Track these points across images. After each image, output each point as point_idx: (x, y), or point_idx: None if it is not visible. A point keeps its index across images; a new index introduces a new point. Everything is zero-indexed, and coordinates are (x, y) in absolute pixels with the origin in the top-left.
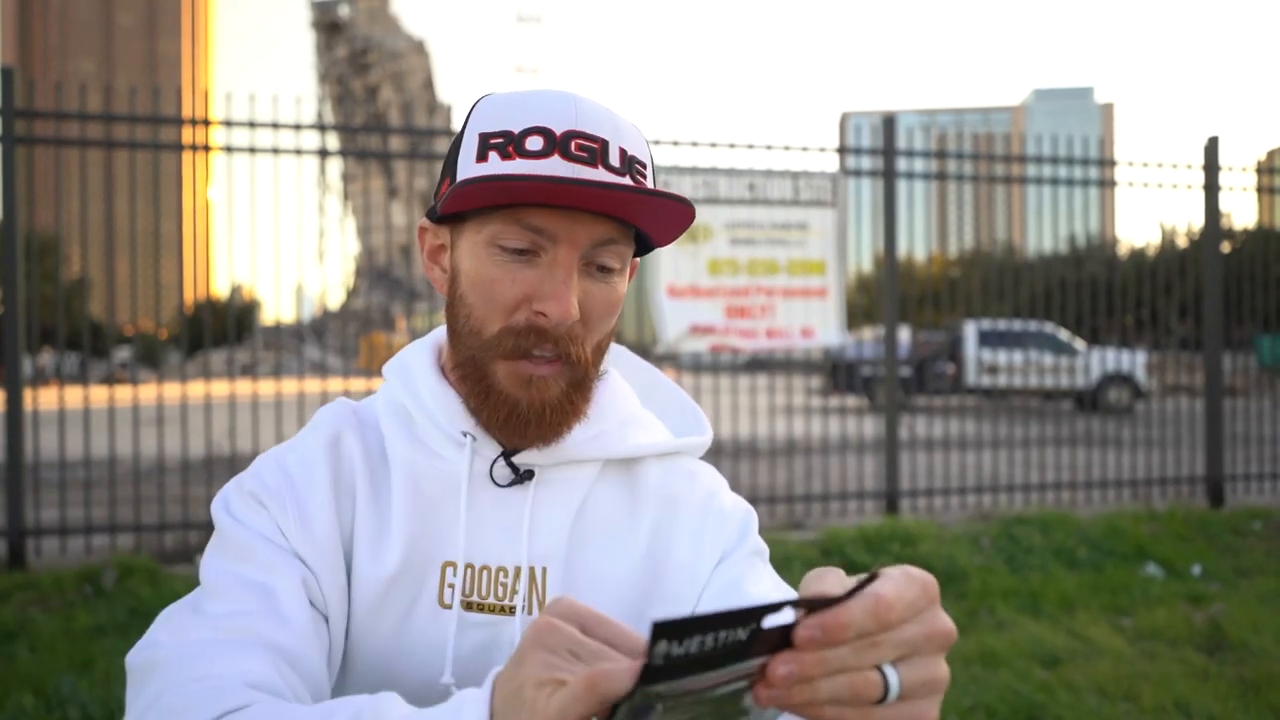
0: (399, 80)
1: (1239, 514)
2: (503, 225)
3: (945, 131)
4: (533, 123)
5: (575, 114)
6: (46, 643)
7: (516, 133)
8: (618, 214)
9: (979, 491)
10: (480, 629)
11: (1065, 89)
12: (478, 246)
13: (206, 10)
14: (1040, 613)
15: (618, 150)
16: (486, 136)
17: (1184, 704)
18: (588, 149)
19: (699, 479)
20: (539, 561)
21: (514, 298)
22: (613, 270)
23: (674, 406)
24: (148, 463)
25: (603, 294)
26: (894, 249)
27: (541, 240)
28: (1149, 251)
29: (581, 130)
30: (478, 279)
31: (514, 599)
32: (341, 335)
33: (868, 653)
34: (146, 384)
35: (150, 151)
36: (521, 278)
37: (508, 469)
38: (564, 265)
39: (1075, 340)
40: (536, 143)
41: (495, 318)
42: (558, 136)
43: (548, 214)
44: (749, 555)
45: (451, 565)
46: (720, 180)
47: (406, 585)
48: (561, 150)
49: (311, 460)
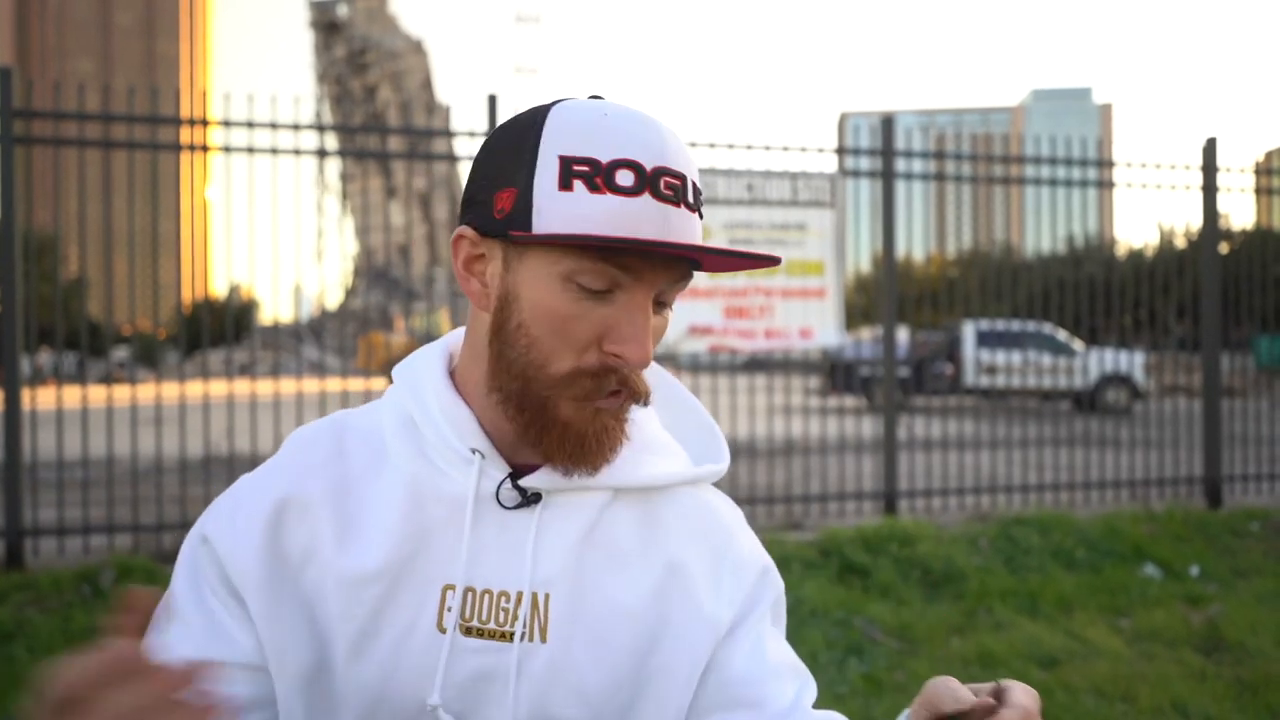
0: (397, 80)
1: (1237, 515)
2: (586, 265)
3: (944, 132)
4: (621, 154)
5: (662, 146)
6: (45, 643)
7: (604, 164)
8: (700, 264)
9: (977, 492)
10: (478, 654)
11: (1064, 89)
12: (551, 279)
13: (205, 10)
14: (1038, 613)
15: (693, 185)
16: (569, 161)
17: (1181, 705)
18: (674, 187)
19: (717, 515)
20: (542, 587)
21: (589, 337)
22: (669, 304)
23: (695, 429)
24: (146, 463)
25: (659, 326)
26: (892, 249)
27: (623, 279)
28: (1147, 252)
29: (668, 166)
30: (551, 313)
31: (514, 625)
32: (340, 335)
33: None
34: (144, 384)
35: (148, 151)
36: (597, 317)
37: (514, 491)
38: (642, 308)
39: (1074, 341)
40: (628, 178)
41: (566, 356)
42: (649, 173)
43: (642, 259)
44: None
45: (451, 588)
46: (719, 181)
47: (405, 607)
48: (652, 189)
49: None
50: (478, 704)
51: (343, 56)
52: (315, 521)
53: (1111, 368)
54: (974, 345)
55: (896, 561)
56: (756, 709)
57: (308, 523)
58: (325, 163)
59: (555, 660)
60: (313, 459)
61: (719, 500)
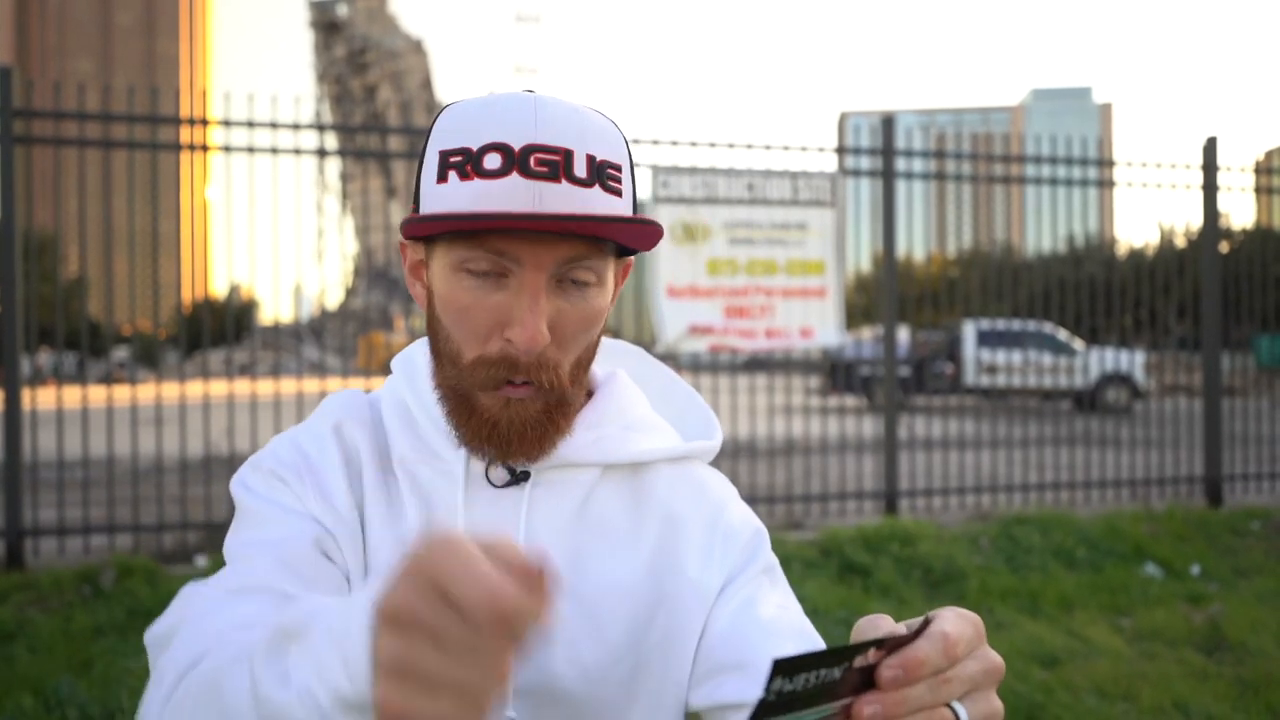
0: (397, 80)
1: (1237, 514)
2: (468, 250)
3: (944, 131)
4: (491, 138)
5: (534, 123)
6: (45, 643)
7: (475, 150)
8: (584, 233)
9: (978, 491)
10: None
11: (1064, 89)
12: (447, 271)
13: (205, 10)
14: (1039, 613)
15: (584, 158)
16: (446, 155)
17: (1182, 704)
18: (548, 162)
19: (708, 488)
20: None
21: (486, 324)
22: (588, 284)
23: (688, 410)
24: (146, 463)
25: (578, 310)
26: (893, 249)
27: (507, 264)
28: (1148, 251)
29: (541, 143)
30: (450, 303)
31: None
32: (340, 335)
33: (940, 690)
34: (145, 384)
35: (148, 151)
36: (491, 303)
37: (504, 470)
38: (530, 289)
39: (1074, 340)
40: (495, 160)
41: (470, 345)
42: (516, 152)
43: (510, 239)
44: (758, 575)
45: None
46: (719, 180)
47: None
48: (520, 167)
49: (322, 441)
50: None
51: (343, 56)
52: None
53: (1112, 367)
54: (974, 345)
55: (897, 561)
56: (741, 671)
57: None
58: (325, 162)
59: (549, 635)
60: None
61: (710, 475)
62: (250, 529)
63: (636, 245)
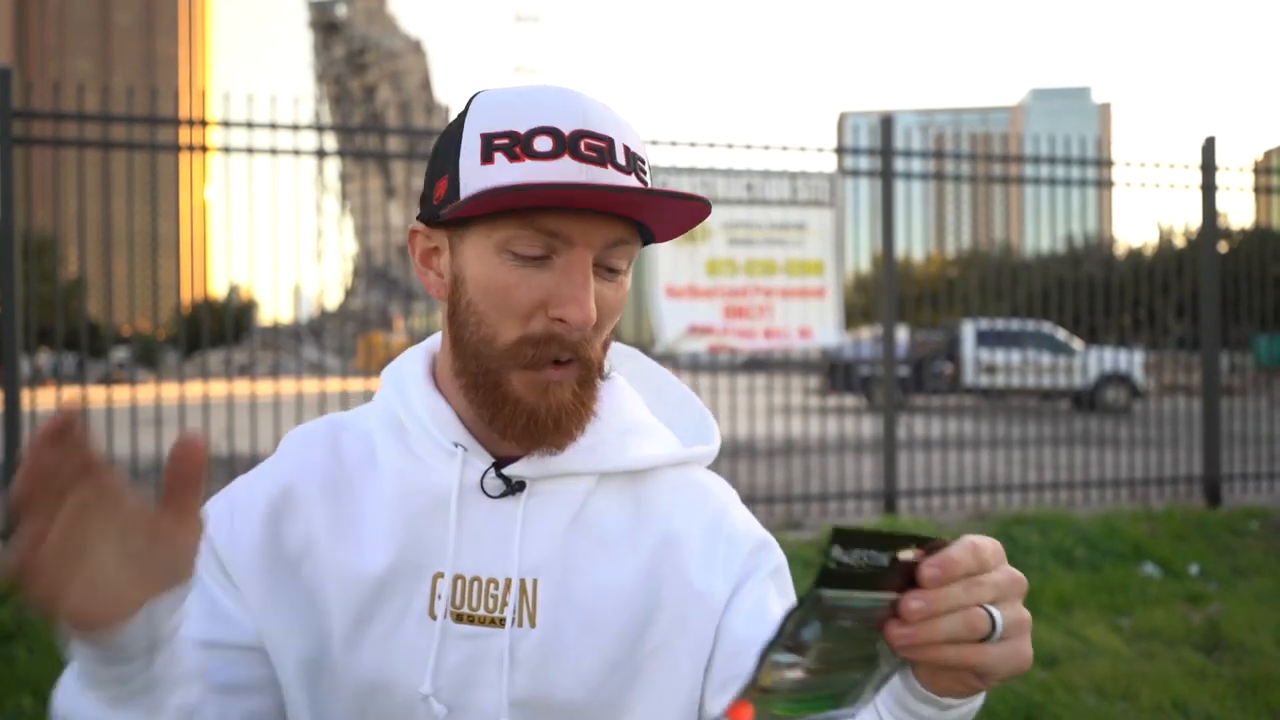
0: (396, 80)
1: (1236, 513)
2: (517, 230)
3: (943, 131)
4: (539, 122)
5: (582, 112)
6: (45, 644)
7: (523, 133)
8: (632, 215)
9: (977, 491)
10: (468, 641)
11: (1063, 89)
12: (487, 252)
13: (204, 10)
14: (1038, 612)
15: (622, 148)
16: (490, 137)
17: (1182, 703)
18: (596, 149)
19: (710, 493)
20: (530, 573)
21: (530, 304)
22: (620, 271)
23: (685, 413)
24: (145, 463)
25: (612, 294)
26: (892, 249)
27: (556, 244)
28: (1146, 251)
29: (589, 129)
30: (490, 286)
31: (504, 611)
32: (339, 335)
33: (974, 591)
34: (144, 384)
35: (148, 152)
36: (537, 283)
37: (499, 480)
38: (580, 269)
39: (1073, 340)
40: (545, 144)
41: (511, 326)
42: (566, 137)
43: (563, 218)
44: (765, 579)
45: (441, 576)
46: (718, 180)
47: (397, 596)
48: (572, 151)
49: (254, 485)
50: (470, 690)
51: (342, 56)
52: (312, 516)
53: (1111, 367)
54: (973, 344)
55: None
56: None
57: (304, 516)
58: (324, 163)
59: (546, 645)
60: (310, 456)
61: (711, 479)
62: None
63: (665, 231)
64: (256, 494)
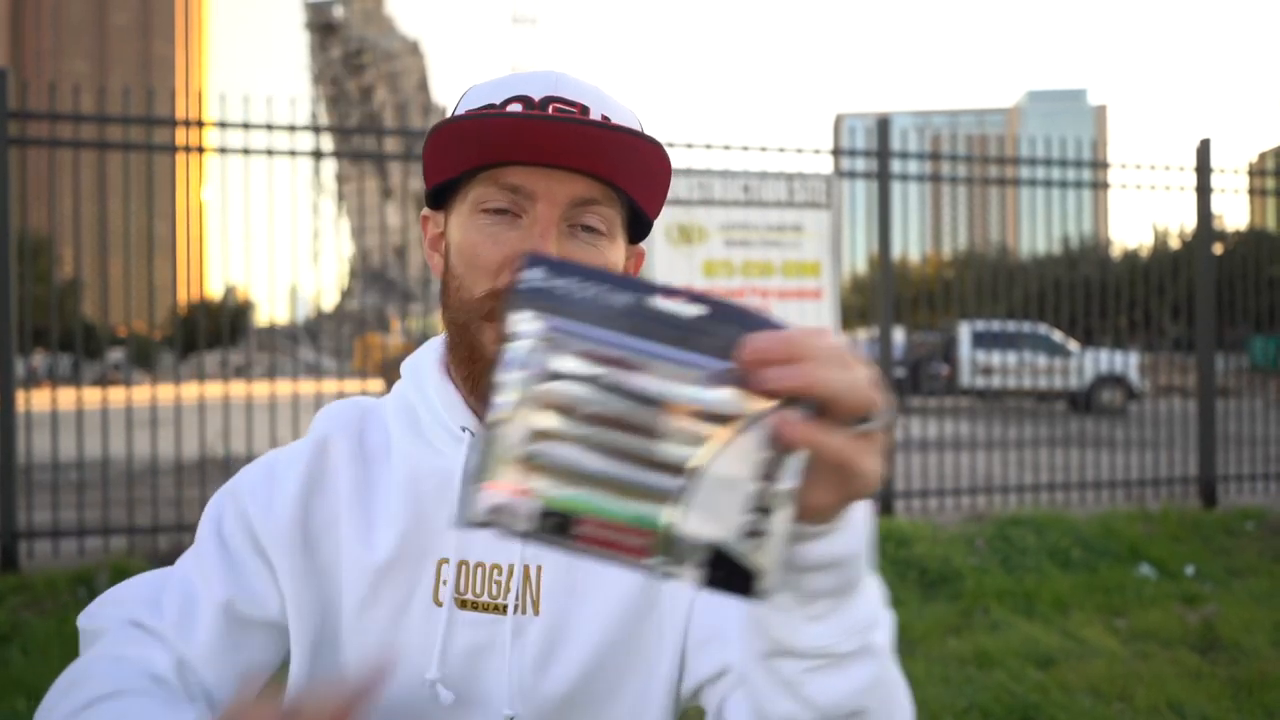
0: (393, 81)
1: (1232, 514)
2: (483, 188)
3: (939, 133)
4: (512, 93)
5: (556, 82)
6: (40, 646)
7: (499, 103)
8: (590, 167)
9: (973, 492)
10: (473, 627)
11: (1059, 91)
12: (463, 217)
13: (200, 11)
14: (1034, 613)
15: (600, 117)
16: (472, 113)
17: (1177, 704)
18: (566, 112)
19: None
20: (533, 560)
21: (497, 259)
22: (598, 232)
23: None
24: (141, 464)
25: (588, 256)
26: (888, 250)
27: (520, 200)
28: (1142, 253)
29: (562, 95)
30: (463, 246)
31: (507, 597)
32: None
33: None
34: (140, 385)
35: (144, 153)
36: (504, 239)
37: None
38: (542, 221)
39: (1069, 341)
40: (516, 108)
41: (480, 281)
42: (536, 101)
43: (525, 172)
44: None
45: (445, 562)
46: (715, 182)
47: (402, 581)
48: (541, 111)
49: (293, 457)
50: (475, 676)
51: (339, 57)
52: (338, 496)
53: (1107, 368)
54: (970, 346)
55: (893, 562)
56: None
57: (331, 495)
58: (321, 164)
59: (548, 631)
60: (339, 439)
61: None
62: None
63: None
64: (295, 466)
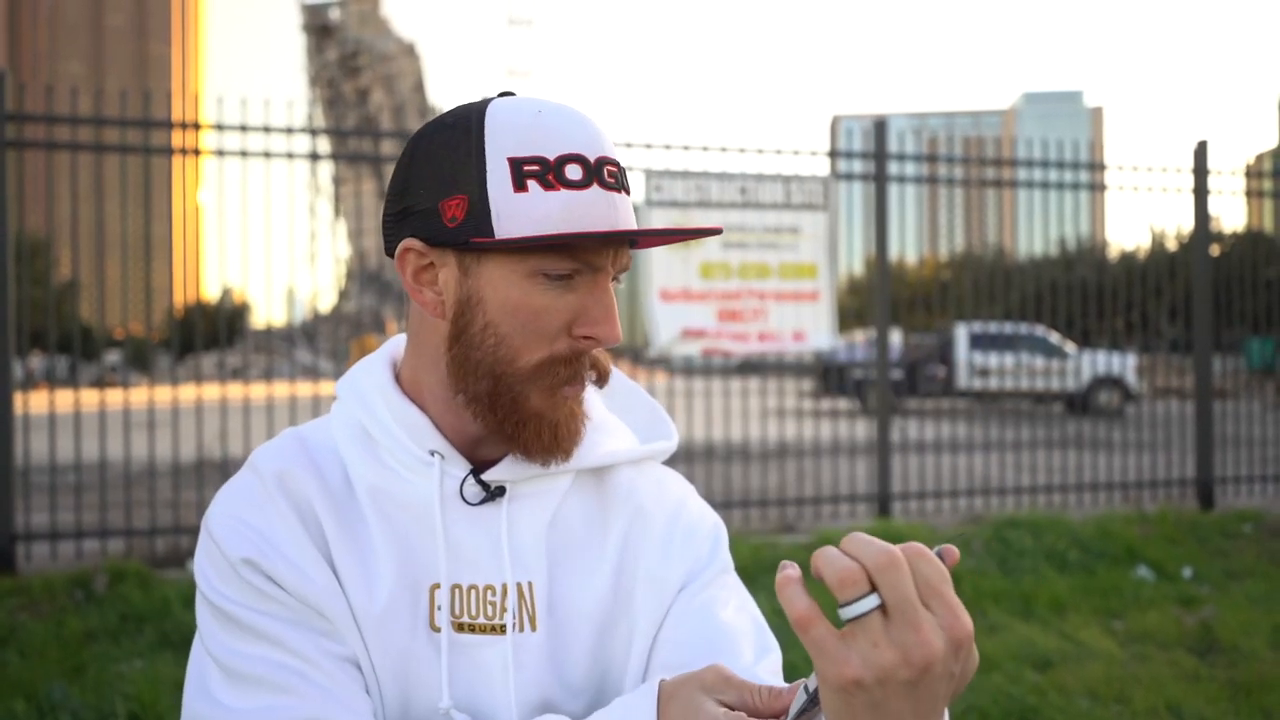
0: (390, 83)
1: (1229, 516)
2: (555, 260)
3: (936, 135)
4: (565, 149)
5: (599, 139)
6: (37, 648)
7: (552, 160)
8: (639, 240)
9: (970, 494)
10: (474, 649)
11: (1055, 93)
12: (514, 275)
13: (196, 13)
14: (1032, 615)
15: (623, 170)
16: (519, 162)
17: (1175, 706)
18: (614, 175)
19: (667, 487)
20: (524, 576)
21: (559, 325)
22: (618, 284)
23: (637, 409)
24: (138, 466)
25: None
26: (885, 252)
27: (583, 267)
28: (1139, 254)
29: (606, 155)
30: (520, 309)
31: (504, 617)
32: (332, 338)
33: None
34: (137, 387)
35: (141, 155)
36: (564, 305)
37: (478, 487)
38: (605, 289)
39: (1066, 343)
40: (576, 172)
41: (538, 347)
42: (592, 164)
43: (600, 249)
44: (718, 574)
45: (437, 587)
46: (712, 184)
47: (400, 613)
48: (599, 179)
49: (266, 510)
50: (481, 698)
51: (335, 59)
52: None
53: (1104, 370)
54: (966, 348)
55: None
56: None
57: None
58: (317, 166)
59: (548, 646)
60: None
61: (667, 474)
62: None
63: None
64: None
